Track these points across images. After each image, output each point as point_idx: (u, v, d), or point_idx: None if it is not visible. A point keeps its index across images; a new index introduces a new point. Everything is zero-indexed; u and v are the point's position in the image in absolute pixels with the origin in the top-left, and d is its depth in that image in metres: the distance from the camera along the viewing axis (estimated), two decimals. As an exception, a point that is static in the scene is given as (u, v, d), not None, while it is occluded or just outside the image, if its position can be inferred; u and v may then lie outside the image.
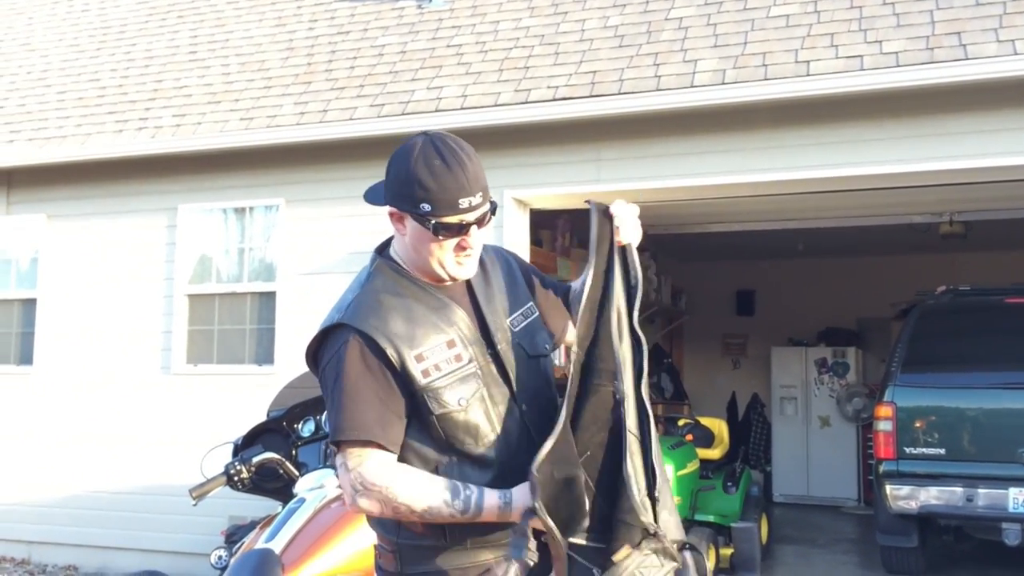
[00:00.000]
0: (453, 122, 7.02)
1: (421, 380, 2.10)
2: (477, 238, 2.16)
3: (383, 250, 2.29)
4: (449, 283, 2.22)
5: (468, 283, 2.26)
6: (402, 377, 2.10)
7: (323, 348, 2.17)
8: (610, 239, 2.25)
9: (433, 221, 2.08)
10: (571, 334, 2.33)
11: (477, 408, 2.14)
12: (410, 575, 2.18)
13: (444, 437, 2.12)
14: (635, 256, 2.26)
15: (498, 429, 2.15)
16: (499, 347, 2.20)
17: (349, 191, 7.61)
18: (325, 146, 7.61)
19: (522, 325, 2.29)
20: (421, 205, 2.07)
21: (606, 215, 2.26)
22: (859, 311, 12.51)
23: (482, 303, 2.24)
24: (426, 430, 2.13)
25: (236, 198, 8.02)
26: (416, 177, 2.07)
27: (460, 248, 2.14)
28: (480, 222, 2.13)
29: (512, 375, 2.20)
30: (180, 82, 8.59)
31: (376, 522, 2.23)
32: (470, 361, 2.15)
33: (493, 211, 2.17)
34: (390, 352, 2.09)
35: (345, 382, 2.08)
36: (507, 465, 2.14)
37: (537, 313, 2.36)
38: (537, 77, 7.06)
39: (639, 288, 2.23)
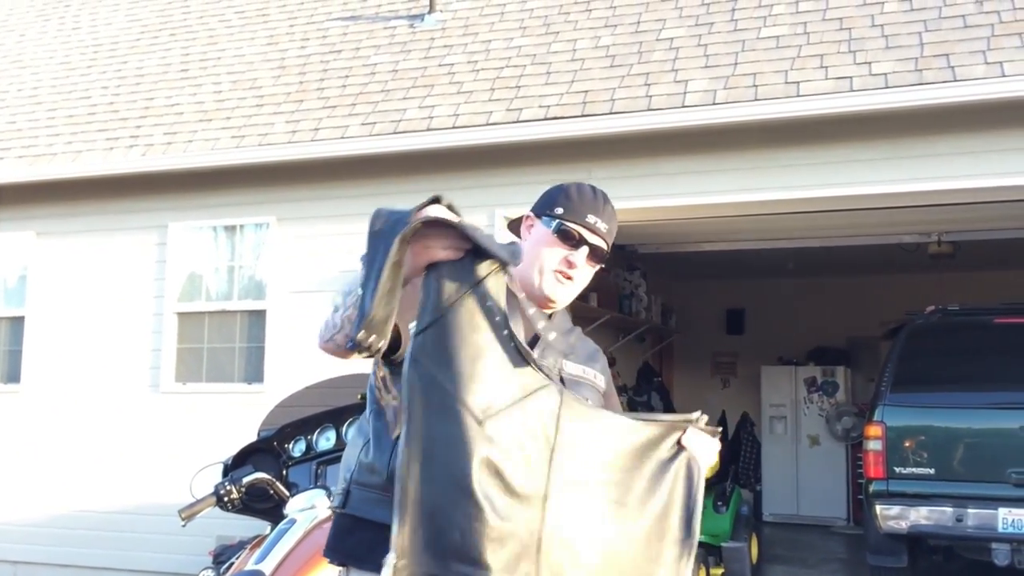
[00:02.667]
0: (445, 141, 7.04)
1: None
2: (583, 265, 2.28)
3: None
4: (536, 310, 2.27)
5: (550, 317, 2.32)
6: None
7: None
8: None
9: (558, 222, 2.29)
10: None
11: None
12: (350, 515, 2.16)
13: None
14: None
15: None
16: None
17: (340, 209, 7.62)
18: (316, 164, 7.61)
19: (576, 375, 2.29)
20: (556, 208, 2.32)
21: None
22: (848, 330, 12.54)
23: (548, 330, 2.28)
24: None
25: (227, 216, 8.00)
26: (564, 190, 2.36)
27: (567, 263, 2.27)
28: (594, 253, 2.30)
29: None
30: (171, 100, 8.58)
31: (343, 463, 2.25)
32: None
33: (604, 258, 2.34)
34: None
35: None
36: None
37: (600, 387, 2.37)
38: (529, 96, 7.08)
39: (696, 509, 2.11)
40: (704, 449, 2.17)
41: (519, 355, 1.92)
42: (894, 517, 7.07)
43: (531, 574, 1.86)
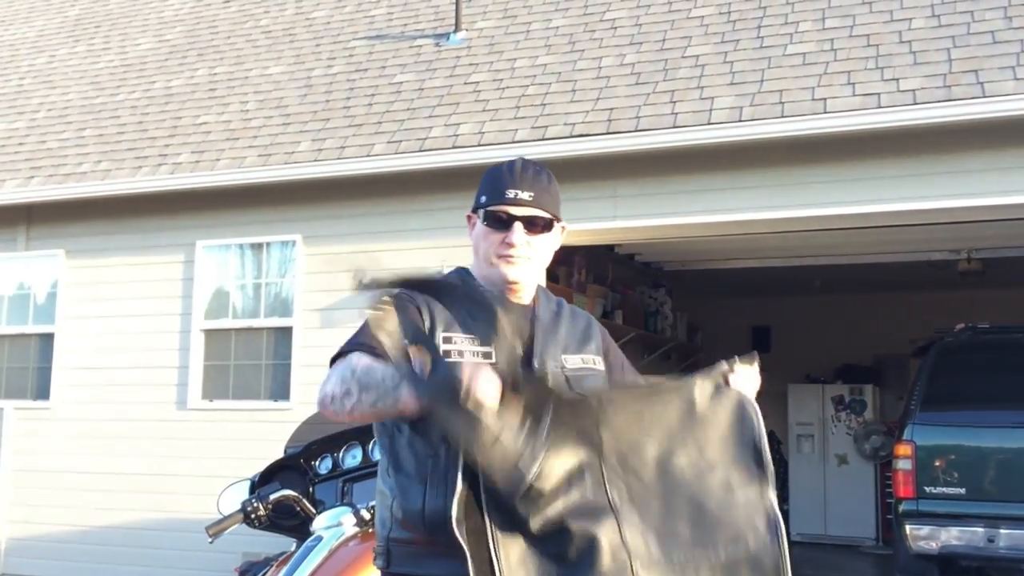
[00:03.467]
0: (470, 159, 7.05)
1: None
2: (526, 240, 2.20)
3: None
4: (514, 298, 2.26)
5: (534, 311, 2.28)
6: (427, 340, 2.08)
7: None
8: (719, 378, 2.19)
9: (483, 211, 2.23)
10: None
11: None
12: (396, 574, 2.13)
13: None
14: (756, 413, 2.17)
15: None
16: (536, 368, 2.18)
17: (366, 227, 7.64)
18: (342, 182, 7.64)
19: (578, 367, 2.27)
20: (480, 198, 2.25)
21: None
22: (876, 348, 12.43)
23: (538, 329, 2.25)
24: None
25: (253, 234, 8.05)
26: (484, 177, 2.28)
27: (506, 246, 2.20)
28: (529, 224, 2.20)
29: None
30: (199, 119, 8.65)
31: (377, 516, 2.22)
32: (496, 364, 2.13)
33: (549, 225, 2.24)
34: (425, 315, 2.11)
35: (371, 318, 2.09)
36: None
37: (601, 371, 2.33)
38: (554, 114, 7.08)
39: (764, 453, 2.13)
40: (749, 380, 2.21)
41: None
42: (924, 537, 6.99)
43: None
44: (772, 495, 2.09)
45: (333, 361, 2.07)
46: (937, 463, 7.08)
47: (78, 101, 9.67)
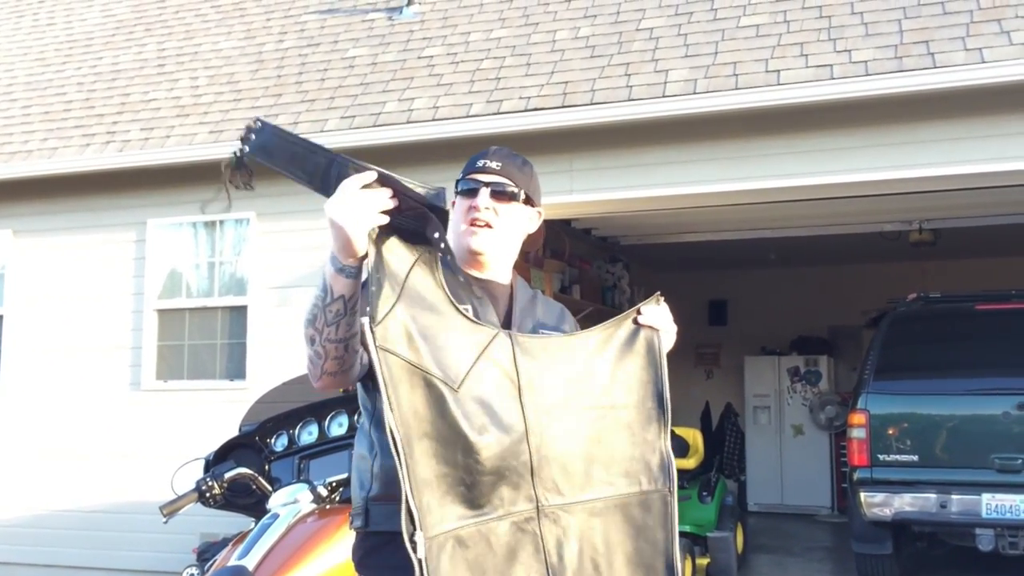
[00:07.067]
0: (425, 134, 7.01)
1: None
2: (492, 206, 2.27)
3: None
4: (486, 273, 2.33)
5: (512, 289, 2.36)
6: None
7: None
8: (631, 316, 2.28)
9: (459, 186, 2.33)
10: None
11: None
12: (376, 532, 2.17)
13: None
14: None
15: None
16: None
17: (322, 204, 7.54)
18: (296, 159, 7.54)
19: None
20: (459, 178, 2.35)
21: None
22: (830, 319, 12.58)
23: (516, 305, 2.34)
24: None
25: (206, 212, 7.94)
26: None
27: (472, 210, 2.27)
28: (496, 191, 2.28)
29: None
30: (148, 95, 8.51)
31: (355, 481, 2.24)
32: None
33: (516, 197, 2.31)
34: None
35: None
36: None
37: None
38: (509, 88, 7.05)
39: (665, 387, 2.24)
40: (661, 318, 2.29)
41: (464, 316, 2.05)
42: (878, 504, 7.08)
43: (531, 496, 2.03)
44: (667, 437, 2.22)
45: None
46: (890, 431, 7.16)
47: (23, 77, 9.47)
